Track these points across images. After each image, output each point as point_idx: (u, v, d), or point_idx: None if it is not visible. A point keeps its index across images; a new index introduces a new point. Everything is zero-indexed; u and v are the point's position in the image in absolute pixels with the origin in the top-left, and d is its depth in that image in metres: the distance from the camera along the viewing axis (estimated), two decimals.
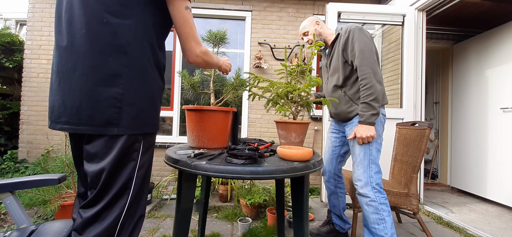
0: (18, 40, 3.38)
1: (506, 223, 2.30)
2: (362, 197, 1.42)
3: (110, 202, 0.72)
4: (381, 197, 1.38)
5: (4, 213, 2.11)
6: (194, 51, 0.84)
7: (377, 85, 1.37)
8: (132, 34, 0.72)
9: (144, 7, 0.74)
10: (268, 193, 2.39)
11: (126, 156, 0.73)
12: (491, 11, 3.08)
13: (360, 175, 1.43)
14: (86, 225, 0.71)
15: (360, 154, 1.44)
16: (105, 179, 0.71)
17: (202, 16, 3.28)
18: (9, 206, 0.89)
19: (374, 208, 1.36)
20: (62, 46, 0.74)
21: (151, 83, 0.78)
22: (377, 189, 1.39)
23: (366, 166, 1.42)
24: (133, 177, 0.75)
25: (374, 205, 1.37)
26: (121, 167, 0.72)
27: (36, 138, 3.04)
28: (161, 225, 2.07)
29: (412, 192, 1.70)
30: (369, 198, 1.38)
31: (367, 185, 1.40)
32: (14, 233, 0.83)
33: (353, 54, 1.45)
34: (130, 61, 0.72)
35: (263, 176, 0.84)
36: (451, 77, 3.60)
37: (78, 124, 0.71)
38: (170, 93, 3.26)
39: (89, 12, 0.70)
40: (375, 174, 1.41)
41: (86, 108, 0.70)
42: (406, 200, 1.69)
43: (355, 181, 1.47)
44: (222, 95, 1.39)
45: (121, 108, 0.71)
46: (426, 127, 1.69)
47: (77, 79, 0.70)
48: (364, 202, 1.41)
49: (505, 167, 2.67)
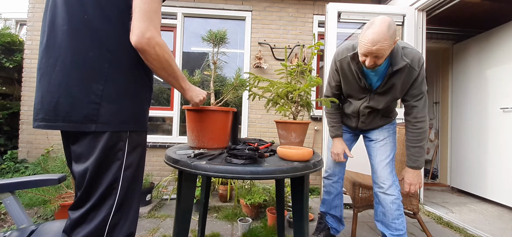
0: (18, 40, 3.38)
1: (506, 223, 2.30)
2: (388, 196, 1.44)
3: (96, 203, 0.70)
4: (400, 195, 1.47)
5: (4, 213, 2.11)
6: (144, 32, 0.68)
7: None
8: (114, 31, 0.72)
9: (124, 6, 0.72)
10: (268, 193, 2.39)
11: (110, 155, 0.71)
12: (491, 11, 3.08)
13: (388, 175, 1.46)
14: (74, 226, 0.70)
15: (390, 155, 1.50)
16: (89, 179, 0.69)
17: (202, 16, 3.28)
18: (9, 206, 0.89)
19: (398, 205, 1.43)
20: (44, 44, 0.73)
21: (135, 80, 0.76)
22: (399, 188, 1.47)
23: (392, 167, 1.49)
24: (119, 177, 0.72)
25: (398, 202, 1.43)
26: (105, 166, 0.71)
27: (36, 138, 3.04)
28: (161, 225, 2.07)
29: (412, 192, 1.69)
30: (395, 197, 1.43)
31: (394, 185, 1.45)
32: (14, 233, 0.83)
33: (414, 93, 1.34)
34: (112, 57, 0.71)
35: (263, 176, 0.84)
36: (451, 77, 3.60)
37: (55, 121, 0.70)
38: (170, 93, 3.26)
39: (72, 10, 0.70)
40: (395, 174, 1.50)
41: (63, 104, 0.69)
42: (406, 200, 1.68)
43: (381, 182, 1.47)
44: (222, 95, 1.39)
45: (100, 104, 0.69)
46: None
47: (56, 75, 0.70)
48: (389, 200, 1.43)
49: (505, 167, 2.66)
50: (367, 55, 1.19)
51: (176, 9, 3.17)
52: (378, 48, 1.14)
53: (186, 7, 3.18)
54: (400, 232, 1.42)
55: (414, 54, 1.28)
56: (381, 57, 1.18)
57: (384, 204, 1.45)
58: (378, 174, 1.49)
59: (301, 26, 3.26)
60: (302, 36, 3.25)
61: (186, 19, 3.28)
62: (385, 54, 1.18)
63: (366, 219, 2.29)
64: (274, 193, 2.37)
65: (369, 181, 1.77)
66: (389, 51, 1.20)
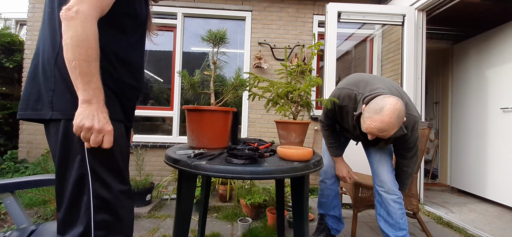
0: (18, 40, 3.38)
1: (506, 223, 2.30)
2: (389, 195, 1.44)
3: (71, 200, 0.68)
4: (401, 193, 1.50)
5: (4, 213, 2.11)
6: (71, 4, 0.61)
7: None
8: None
9: None
10: (268, 193, 2.39)
11: (69, 147, 0.67)
12: (491, 11, 3.08)
13: (389, 175, 1.47)
14: (60, 226, 0.69)
15: (388, 155, 1.51)
16: (58, 175, 0.68)
17: (202, 16, 3.28)
18: (9, 206, 0.89)
19: (400, 204, 1.44)
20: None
21: (102, 72, 0.68)
22: (398, 186, 1.49)
23: (391, 167, 1.50)
24: (86, 173, 0.67)
25: (400, 201, 1.44)
26: (68, 160, 0.67)
27: (36, 138, 3.03)
28: (161, 225, 2.07)
29: (412, 192, 1.69)
30: (397, 196, 1.44)
31: (394, 183, 1.47)
32: (14, 233, 0.83)
33: (404, 148, 1.39)
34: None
35: (263, 176, 0.84)
36: (451, 77, 3.60)
37: (25, 109, 0.71)
38: (170, 93, 3.26)
39: (46, 2, 0.74)
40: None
41: (33, 93, 0.71)
42: (406, 200, 1.67)
43: (382, 181, 1.47)
44: (222, 95, 1.39)
45: (54, 90, 0.68)
46: (425, 127, 1.68)
47: (33, 67, 0.73)
48: (391, 199, 1.43)
49: (505, 167, 2.66)
50: (373, 135, 1.20)
51: (176, 9, 3.17)
52: (384, 135, 1.17)
53: (186, 7, 3.18)
54: (403, 231, 1.43)
55: (410, 120, 1.27)
56: (385, 137, 1.19)
57: (387, 204, 1.45)
58: (378, 174, 1.49)
59: (301, 26, 3.26)
60: (302, 36, 3.25)
61: (186, 19, 3.28)
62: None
63: (366, 219, 2.29)
64: (274, 193, 2.37)
65: (369, 181, 1.77)
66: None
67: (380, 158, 1.50)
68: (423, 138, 1.67)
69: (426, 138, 1.67)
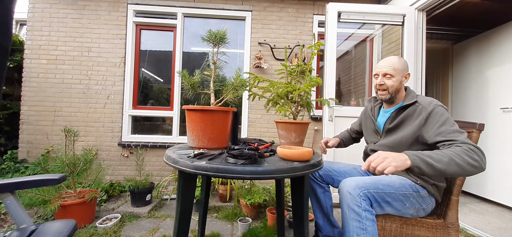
0: (18, 40, 3.38)
1: (506, 223, 2.30)
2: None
3: None
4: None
5: (4, 213, 2.11)
6: None
7: None
8: None
9: None
10: (268, 193, 2.39)
11: None
12: (491, 11, 3.08)
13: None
14: None
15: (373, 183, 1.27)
16: None
17: (202, 16, 3.28)
18: (9, 206, 0.89)
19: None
20: None
21: None
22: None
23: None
24: None
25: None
26: None
27: (36, 138, 3.04)
28: (161, 225, 2.07)
29: (451, 221, 1.20)
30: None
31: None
32: (14, 233, 0.83)
33: (440, 131, 1.10)
34: None
35: (263, 176, 0.84)
36: (451, 77, 3.60)
37: None
38: (170, 93, 3.26)
39: None
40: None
41: None
42: (443, 232, 1.18)
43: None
44: (222, 95, 1.39)
45: None
46: (473, 130, 1.24)
47: None
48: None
49: (505, 167, 2.66)
50: (378, 75, 1.33)
51: (176, 9, 3.17)
52: (387, 65, 1.30)
53: (186, 7, 3.18)
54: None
55: (429, 99, 1.22)
56: (389, 76, 1.29)
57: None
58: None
59: (301, 26, 3.26)
60: (302, 36, 3.25)
61: (186, 19, 3.28)
62: (395, 76, 1.28)
63: None
64: (274, 193, 2.37)
65: None
66: (399, 77, 1.29)
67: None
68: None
69: (475, 142, 1.21)
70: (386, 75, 1.30)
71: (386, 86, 1.30)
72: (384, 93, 1.32)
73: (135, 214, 2.23)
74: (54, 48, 3.08)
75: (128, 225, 2.04)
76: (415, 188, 1.18)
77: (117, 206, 2.39)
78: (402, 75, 1.29)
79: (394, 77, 1.28)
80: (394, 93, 1.31)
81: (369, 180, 1.15)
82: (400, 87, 1.31)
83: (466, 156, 0.95)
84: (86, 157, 2.20)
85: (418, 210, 1.18)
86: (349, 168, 1.52)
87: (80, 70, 3.09)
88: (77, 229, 1.59)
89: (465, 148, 0.98)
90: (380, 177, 1.20)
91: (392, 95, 1.31)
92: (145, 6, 3.12)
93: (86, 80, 3.09)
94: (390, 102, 1.36)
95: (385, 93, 1.32)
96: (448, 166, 0.94)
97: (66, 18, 3.10)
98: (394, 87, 1.29)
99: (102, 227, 1.94)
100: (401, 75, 1.29)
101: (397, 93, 1.32)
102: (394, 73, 1.28)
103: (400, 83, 1.30)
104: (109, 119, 3.10)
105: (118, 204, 2.45)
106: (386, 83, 1.30)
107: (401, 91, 1.33)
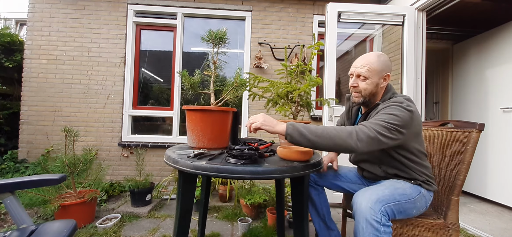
0: (18, 40, 3.38)
1: (506, 223, 2.30)
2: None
3: None
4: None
5: (4, 213, 2.11)
6: None
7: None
8: None
9: None
10: (268, 193, 2.39)
11: None
12: (491, 11, 3.08)
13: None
14: None
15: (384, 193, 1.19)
16: None
17: (202, 16, 3.28)
18: (9, 206, 0.89)
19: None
20: None
21: None
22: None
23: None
24: None
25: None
26: None
27: (36, 138, 3.03)
28: (161, 225, 2.07)
29: (452, 221, 1.19)
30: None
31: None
32: (14, 233, 0.83)
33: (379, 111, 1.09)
34: None
35: (263, 176, 0.84)
36: (451, 77, 3.60)
37: None
38: (170, 93, 3.26)
39: None
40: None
41: None
42: (443, 233, 1.18)
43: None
44: (222, 95, 1.39)
45: None
46: (474, 130, 1.19)
47: None
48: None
49: (505, 167, 2.66)
50: (353, 74, 1.20)
51: (176, 9, 3.17)
52: (362, 64, 1.15)
53: (186, 7, 3.18)
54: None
55: (398, 97, 1.12)
56: (363, 78, 1.16)
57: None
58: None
59: (301, 26, 3.26)
60: (302, 36, 3.25)
61: (186, 19, 3.28)
62: (368, 77, 1.15)
63: None
64: (274, 193, 2.37)
65: None
66: (375, 79, 1.15)
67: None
68: (469, 145, 1.20)
69: (473, 144, 1.19)
70: (360, 76, 1.16)
71: (359, 89, 1.17)
72: (357, 95, 1.19)
73: (135, 214, 2.23)
74: (54, 48, 3.08)
75: (128, 225, 2.04)
76: (417, 189, 1.17)
77: (117, 206, 2.39)
78: (379, 76, 1.15)
79: (368, 79, 1.15)
80: (368, 97, 1.18)
81: (387, 192, 1.06)
82: (376, 90, 1.17)
83: (342, 133, 0.96)
84: (86, 157, 2.20)
85: (419, 209, 1.17)
86: (344, 171, 1.48)
87: (80, 70, 3.09)
88: (77, 229, 1.59)
89: (350, 129, 0.98)
90: (395, 186, 1.12)
91: (365, 99, 1.18)
92: (145, 6, 3.12)
93: (86, 80, 3.09)
94: (365, 105, 1.23)
95: (358, 95, 1.19)
96: (321, 138, 0.95)
97: (66, 18, 3.10)
98: (368, 91, 1.16)
99: (102, 227, 1.94)
100: (378, 77, 1.15)
101: (372, 97, 1.18)
102: (368, 74, 1.14)
103: (376, 86, 1.16)
104: (109, 119, 3.10)
105: (118, 204, 2.45)
106: (360, 86, 1.17)
107: (378, 95, 1.20)
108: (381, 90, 1.20)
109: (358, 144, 0.95)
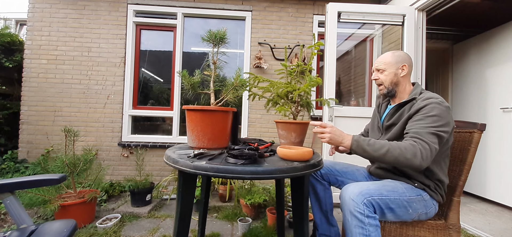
0: (18, 40, 3.38)
1: (506, 223, 2.30)
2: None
3: None
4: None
5: (4, 213, 2.11)
6: None
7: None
8: None
9: None
10: (268, 193, 2.39)
11: None
12: (491, 11, 3.08)
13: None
14: None
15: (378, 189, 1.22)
16: None
17: (202, 16, 3.28)
18: (9, 206, 0.89)
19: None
20: None
21: None
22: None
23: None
24: None
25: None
26: None
27: (36, 138, 3.03)
28: (161, 225, 2.07)
29: (453, 222, 1.20)
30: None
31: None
32: (14, 233, 0.83)
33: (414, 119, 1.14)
34: None
35: (263, 176, 0.84)
36: (451, 77, 3.60)
37: None
38: (170, 93, 3.26)
39: None
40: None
41: None
42: (444, 233, 1.17)
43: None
44: (222, 95, 1.39)
45: None
46: (475, 130, 1.18)
47: None
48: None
49: (505, 167, 2.66)
50: (373, 71, 1.38)
51: (176, 9, 3.17)
52: (379, 60, 1.34)
53: (186, 7, 3.18)
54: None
55: (429, 95, 1.18)
56: (381, 70, 1.33)
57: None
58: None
59: (301, 26, 3.26)
60: (302, 36, 3.25)
61: (186, 19, 3.28)
62: (386, 69, 1.31)
63: None
64: (274, 193, 2.37)
65: None
66: (392, 70, 1.29)
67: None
68: (471, 145, 1.23)
69: (475, 145, 1.22)
70: (379, 70, 1.34)
71: (381, 81, 1.33)
72: (381, 87, 1.35)
73: (135, 214, 2.23)
74: (54, 48, 3.08)
75: (128, 225, 2.04)
76: (417, 192, 1.16)
77: (117, 206, 2.39)
78: (395, 67, 1.29)
79: (385, 70, 1.31)
80: (392, 86, 1.31)
81: (373, 186, 1.11)
82: (397, 79, 1.30)
83: (407, 153, 1.03)
84: (86, 157, 2.20)
85: (420, 215, 1.16)
86: (351, 169, 1.49)
87: (80, 70, 3.09)
88: (77, 229, 1.59)
89: (406, 145, 1.05)
90: (385, 183, 1.17)
91: (389, 88, 1.31)
92: (145, 6, 3.12)
93: (86, 80, 3.09)
94: (391, 96, 1.35)
95: (381, 87, 1.34)
96: (385, 157, 1.06)
97: (66, 18, 3.10)
98: (388, 80, 1.30)
99: (102, 227, 1.94)
100: (395, 67, 1.29)
101: (396, 86, 1.31)
102: (385, 67, 1.31)
103: (395, 75, 1.29)
104: (109, 119, 3.10)
105: (118, 204, 2.45)
106: (380, 78, 1.33)
107: (402, 85, 1.31)
108: (404, 80, 1.31)
109: (423, 164, 1.03)
